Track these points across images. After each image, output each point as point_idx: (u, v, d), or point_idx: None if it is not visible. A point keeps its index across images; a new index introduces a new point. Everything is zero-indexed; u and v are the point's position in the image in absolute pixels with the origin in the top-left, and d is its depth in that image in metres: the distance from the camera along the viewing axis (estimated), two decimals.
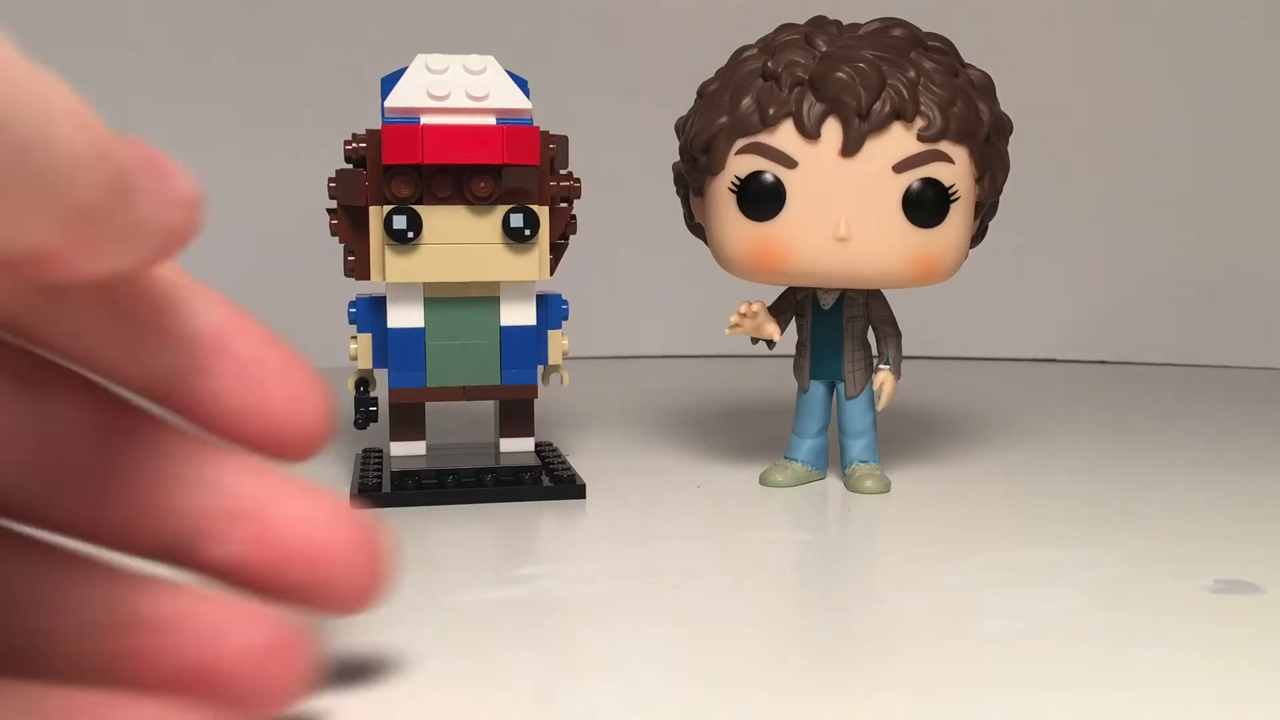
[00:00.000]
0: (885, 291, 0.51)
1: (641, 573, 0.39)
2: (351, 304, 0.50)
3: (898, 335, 0.51)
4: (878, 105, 0.45)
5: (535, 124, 0.49)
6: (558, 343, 0.51)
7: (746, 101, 0.47)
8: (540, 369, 0.52)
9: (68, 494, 0.24)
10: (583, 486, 0.50)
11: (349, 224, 0.49)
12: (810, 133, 0.45)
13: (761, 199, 0.47)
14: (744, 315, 0.50)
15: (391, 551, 0.28)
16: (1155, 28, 0.93)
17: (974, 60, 0.51)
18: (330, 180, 0.49)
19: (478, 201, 0.48)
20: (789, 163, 0.46)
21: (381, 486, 0.49)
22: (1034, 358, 0.95)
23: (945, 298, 0.94)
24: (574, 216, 0.51)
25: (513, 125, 0.48)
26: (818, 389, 0.52)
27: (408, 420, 0.51)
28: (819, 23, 0.49)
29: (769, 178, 0.46)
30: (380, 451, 0.56)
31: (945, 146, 0.46)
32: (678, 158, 0.51)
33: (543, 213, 0.49)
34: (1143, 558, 0.41)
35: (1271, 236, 0.92)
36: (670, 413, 0.71)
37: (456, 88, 0.48)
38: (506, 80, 0.49)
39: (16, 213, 0.18)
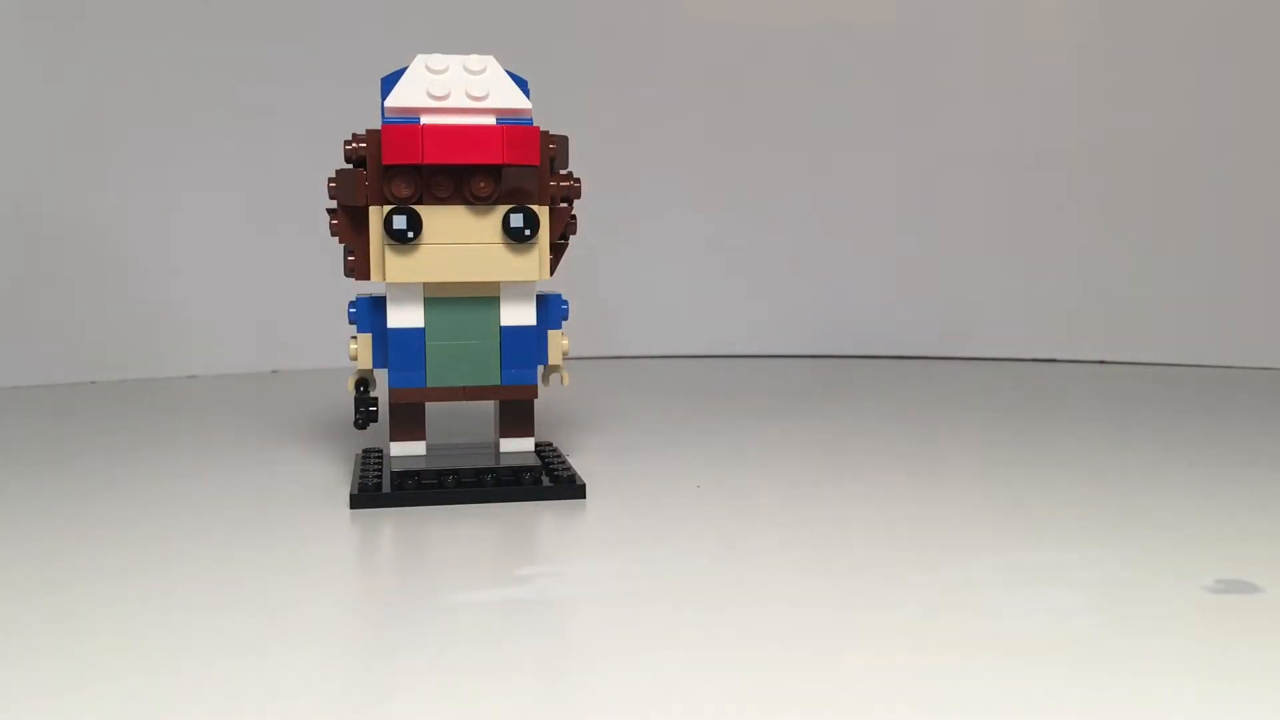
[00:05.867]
0: None
1: (641, 573, 0.39)
2: (351, 304, 0.50)
3: None
4: None
5: (535, 124, 0.49)
6: (558, 343, 0.51)
7: None
8: (540, 369, 0.52)
9: None
10: (583, 486, 0.50)
11: (349, 224, 0.49)
12: None
13: None
14: None
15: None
16: (1156, 27, 0.93)
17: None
18: (330, 180, 0.49)
19: (478, 201, 0.48)
20: None
21: (381, 486, 0.49)
22: (1034, 358, 0.95)
23: (946, 297, 0.95)
24: (574, 216, 0.51)
25: (513, 125, 0.48)
26: None
27: (408, 420, 0.51)
28: None
29: None
30: (380, 451, 0.56)
31: None
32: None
33: (543, 213, 0.49)
34: (1143, 558, 0.41)
35: (1272, 237, 0.92)
36: (670, 413, 0.71)
37: (456, 88, 0.48)
38: (506, 80, 0.49)
39: None
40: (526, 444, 0.52)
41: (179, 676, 0.31)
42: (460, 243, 0.48)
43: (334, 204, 0.49)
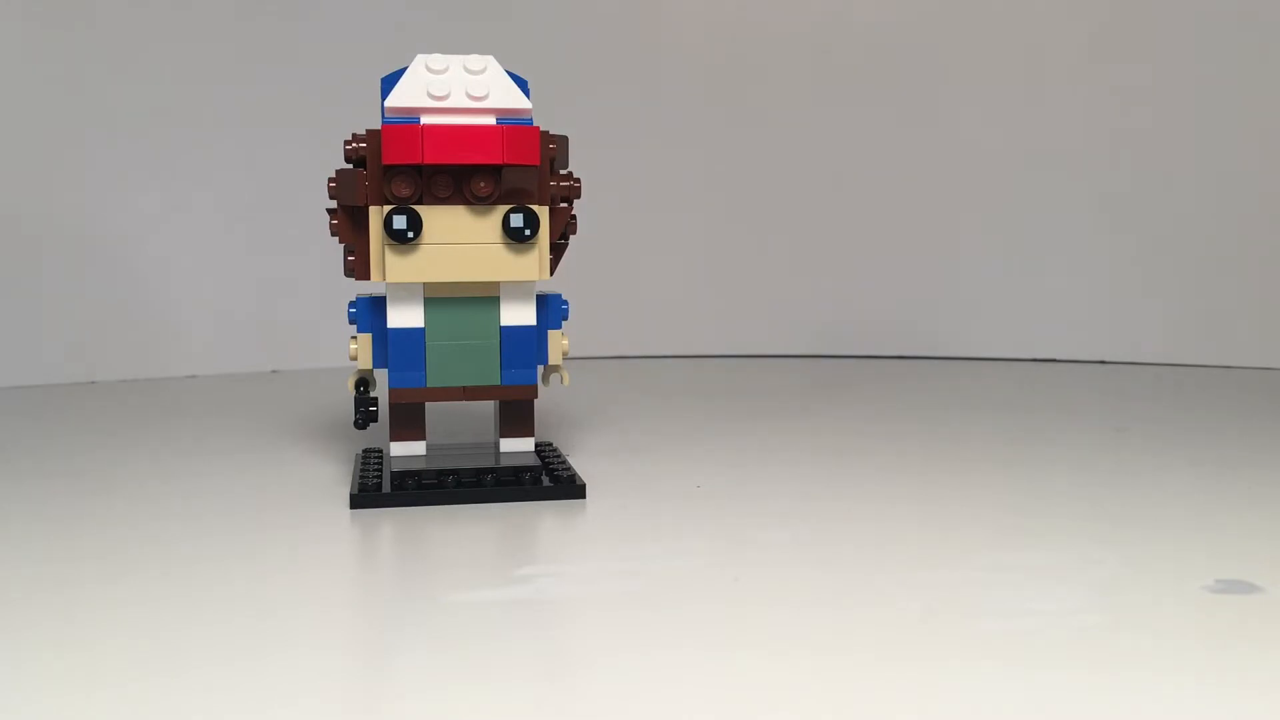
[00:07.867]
0: None
1: (641, 573, 0.39)
2: (351, 304, 0.50)
3: None
4: None
5: (535, 124, 0.49)
6: (558, 343, 0.51)
7: None
8: (540, 369, 0.52)
9: None
10: (583, 486, 0.50)
11: (349, 224, 0.49)
12: None
13: None
14: None
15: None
16: (1156, 28, 0.93)
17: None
18: (330, 180, 0.49)
19: (478, 201, 0.48)
20: None
21: (381, 486, 0.49)
22: (1034, 358, 0.95)
23: (945, 297, 0.94)
24: (574, 216, 0.51)
25: (513, 125, 0.48)
26: None
27: (408, 420, 0.51)
28: None
29: None
30: (380, 451, 0.56)
31: None
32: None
33: (543, 213, 0.49)
34: (1143, 558, 0.41)
35: (1272, 237, 0.92)
36: (670, 413, 0.71)
37: (456, 88, 0.48)
38: (506, 80, 0.49)
39: None
40: (526, 444, 0.52)
41: (178, 677, 0.31)
42: (460, 243, 0.48)
43: (334, 204, 0.49)
